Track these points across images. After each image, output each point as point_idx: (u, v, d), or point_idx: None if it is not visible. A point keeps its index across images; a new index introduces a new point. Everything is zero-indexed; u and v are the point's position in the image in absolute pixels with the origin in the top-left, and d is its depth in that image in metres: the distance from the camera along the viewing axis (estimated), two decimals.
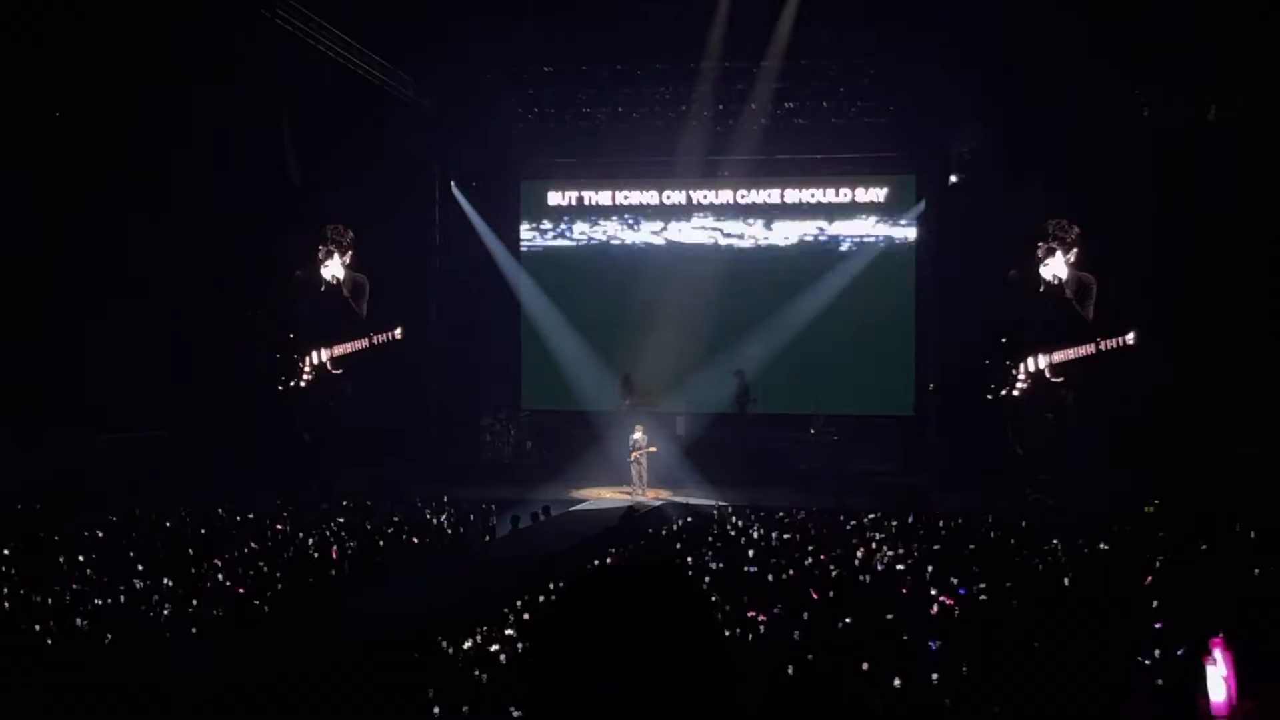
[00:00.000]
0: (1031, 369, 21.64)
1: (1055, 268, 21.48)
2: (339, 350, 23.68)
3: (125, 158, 19.55)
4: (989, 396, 21.73)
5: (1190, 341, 19.41)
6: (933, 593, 11.28)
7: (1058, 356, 21.46)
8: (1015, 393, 21.66)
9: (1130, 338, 20.85)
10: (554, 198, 24.94)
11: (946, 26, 19.27)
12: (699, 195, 24.14)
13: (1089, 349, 21.18)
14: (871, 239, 23.38)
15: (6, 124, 18.19)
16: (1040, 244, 21.50)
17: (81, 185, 19.07)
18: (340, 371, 23.67)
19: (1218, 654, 5.66)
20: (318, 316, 23.53)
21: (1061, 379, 21.45)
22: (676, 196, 24.27)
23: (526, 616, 10.81)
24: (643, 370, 23.00)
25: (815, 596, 11.33)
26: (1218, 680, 5.51)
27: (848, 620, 10.08)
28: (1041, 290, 21.58)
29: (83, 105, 18.90)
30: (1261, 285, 18.73)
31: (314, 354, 23.43)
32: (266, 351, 22.72)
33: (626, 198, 24.64)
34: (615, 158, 23.71)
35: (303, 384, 23.22)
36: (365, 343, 23.87)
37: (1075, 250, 21.36)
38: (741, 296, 23.35)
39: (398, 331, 24.15)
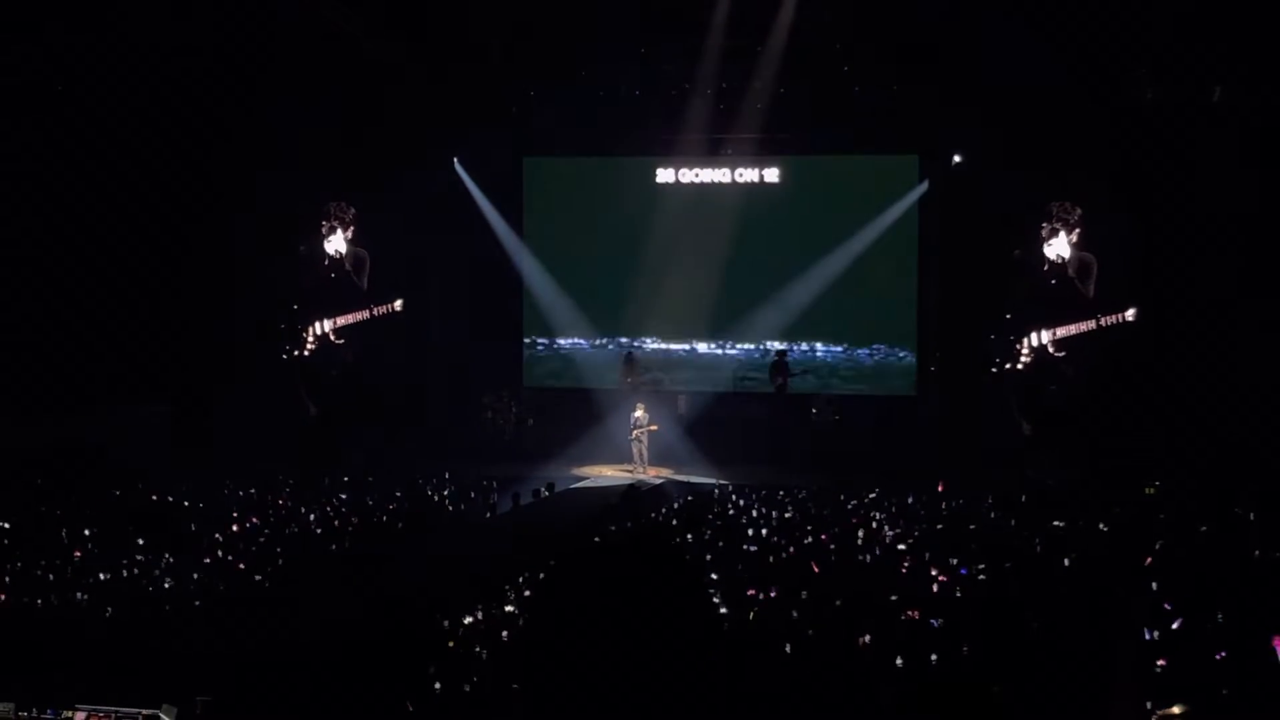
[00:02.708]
0: (1034, 344, 21.87)
1: (1058, 248, 21.65)
2: (341, 321, 24.32)
3: (134, 138, 19.62)
4: (994, 370, 21.92)
5: (1192, 320, 19.47)
6: (933, 572, 11.29)
7: (1060, 332, 21.75)
8: (1019, 367, 21.88)
9: (1130, 314, 21.02)
10: (557, 174, 24.90)
11: (950, 5, 19.22)
12: (701, 173, 24.02)
13: (1090, 324, 21.38)
14: (873, 219, 23.26)
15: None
16: (1044, 225, 21.66)
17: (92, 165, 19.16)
18: (342, 342, 24.33)
19: None
20: (321, 289, 24.12)
21: (1063, 353, 21.69)
22: (687, 175, 24.15)
23: (527, 593, 10.83)
24: (644, 348, 23.08)
25: (816, 570, 11.36)
26: None
27: (848, 599, 10.09)
28: (1045, 269, 21.74)
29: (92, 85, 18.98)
30: (1265, 266, 18.75)
31: (317, 325, 24.10)
32: (271, 323, 23.07)
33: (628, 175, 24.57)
34: (618, 135, 23.59)
35: (306, 353, 23.85)
36: (366, 314, 24.30)
37: (1078, 231, 21.54)
38: (742, 276, 23.32)
39: (398, 304, 24.34)
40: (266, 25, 18.94)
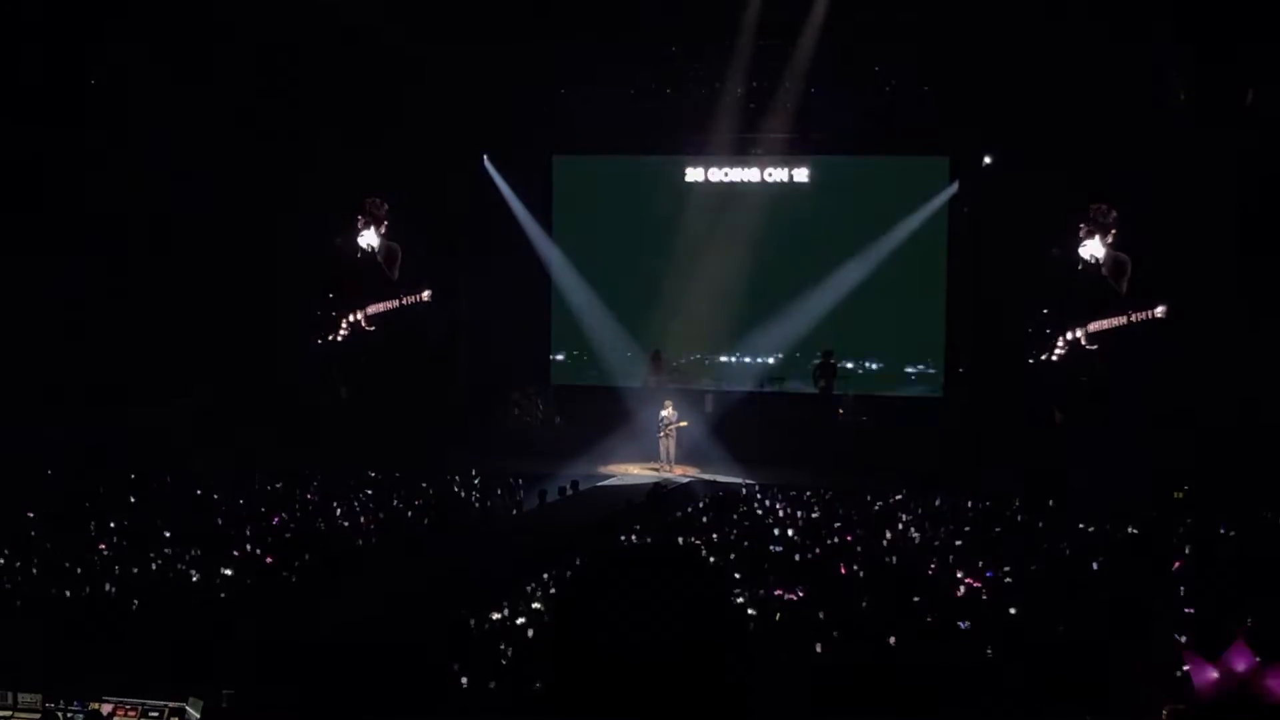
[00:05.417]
0: (1069, 337, 22.35)
1: (1093, 248, 22.06)
2: (372, 309, 24.93)
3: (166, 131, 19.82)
4: (1029, 360, 22.33)
5: (1221, 320, 19.44)
6: (959, 575, 11.27)
7: (1093, 326, 22.23)
8: (1054, 359, 22.26)
9: (1159, 311, 21.18)
10: (587, 173, 24.95)
11: (983, 9, 19.22)
12: (731, 172, 24.03)
13: (1121, 320, 21.78)
14: (903, 220, 23.20)
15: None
16: (1081, 226, 21.87)
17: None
18: (373, 329, 24.95)
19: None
20: (354, 280, 24.74)
21: (1095, 346, 22.16)
22: (715, 174, 24.15)
23: (552, 591, 10.85)
24: (672, 347, 23.11)
25: (844, 572, 11.34)
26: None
27: (875, 601, 10.07)
28: (1080, 268, 22.07)
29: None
30: None
31: (350, 314, 24.79)
32: (305, 316, 23.88)
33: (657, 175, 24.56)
34: (647, 134, 23.58)
35: (339, 339, 24.74)
36: (396, 303, 24.88)
37: (1113, 232, 21.79)
38: (770, 276, 23.30)
39: (425, 294, 24.64)
40: (302, 23, 19.12)
